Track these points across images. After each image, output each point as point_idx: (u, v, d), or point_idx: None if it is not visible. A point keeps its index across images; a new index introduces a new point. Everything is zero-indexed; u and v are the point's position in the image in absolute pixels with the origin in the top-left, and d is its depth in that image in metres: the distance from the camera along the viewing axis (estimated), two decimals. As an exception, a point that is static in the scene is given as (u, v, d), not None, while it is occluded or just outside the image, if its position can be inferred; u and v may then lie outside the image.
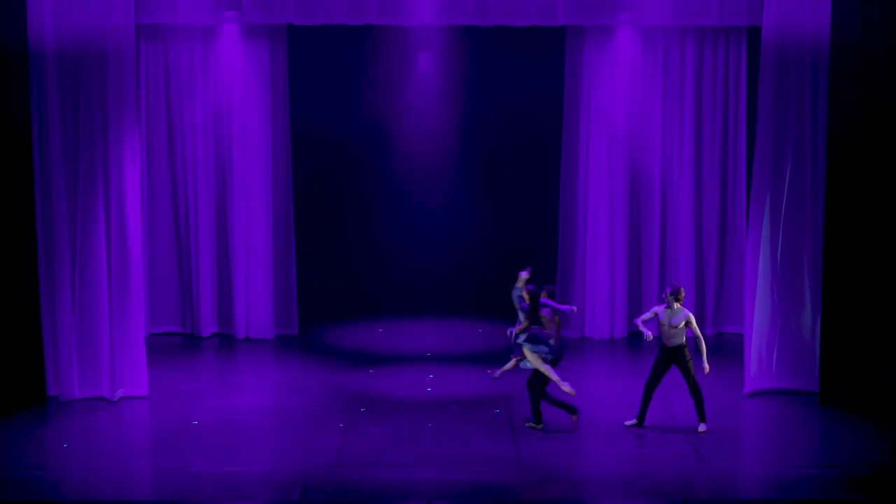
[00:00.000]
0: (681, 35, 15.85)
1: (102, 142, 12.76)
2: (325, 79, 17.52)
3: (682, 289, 11.88)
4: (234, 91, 15.81)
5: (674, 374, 14.47)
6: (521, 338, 11.67)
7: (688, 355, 11.79)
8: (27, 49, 12.56)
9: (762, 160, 12.91)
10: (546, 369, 11.63)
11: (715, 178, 16.17)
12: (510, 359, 11.98)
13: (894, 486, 10.32)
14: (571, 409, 11.90)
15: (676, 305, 11.75)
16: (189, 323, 16.36)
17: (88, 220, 12.77)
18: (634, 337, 16.19)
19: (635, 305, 16.26)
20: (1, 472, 10.65)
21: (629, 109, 15.91)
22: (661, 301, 12.10)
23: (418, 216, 17.88)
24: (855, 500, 10.05)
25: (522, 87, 17.62)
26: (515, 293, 11.73)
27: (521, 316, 11.69)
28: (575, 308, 12.86)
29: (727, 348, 15.65)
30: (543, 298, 12.11)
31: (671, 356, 11.83)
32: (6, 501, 9.96)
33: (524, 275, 11.74)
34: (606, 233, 15.99)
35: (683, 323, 11.72)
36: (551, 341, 11.82)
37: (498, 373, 12.06)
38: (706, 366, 11.78)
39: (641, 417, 12.04)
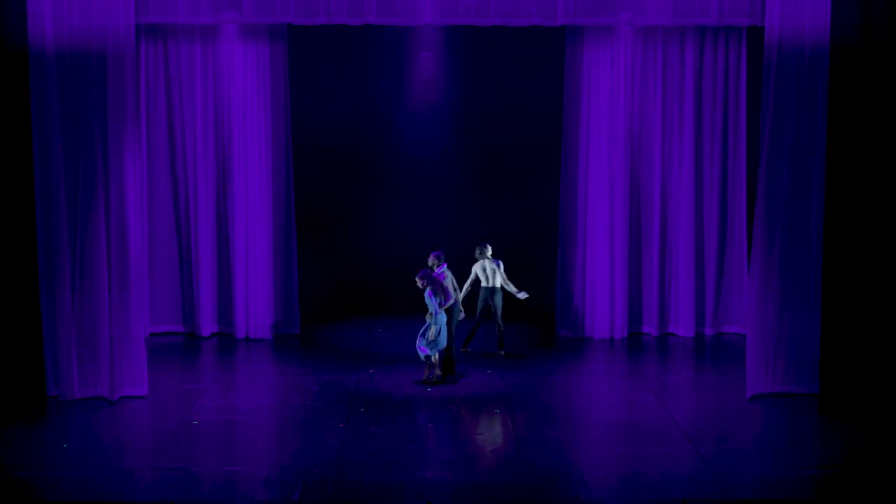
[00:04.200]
0: (681, 35, 15.87)
1: (102, 142, 12.76)
2: (325, 79, 17.53)
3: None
4: (234, 91, 15.82)
5: (671, 374, 14.52)
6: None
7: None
8: (27, 49, 12.56)
9: (765, 161, 12.88)
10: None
11: (715, 178, 16.17)
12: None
13: (893, 487, 10.33)
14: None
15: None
16: (189, 322, 16.37)
17: (88, 220, 12.76)
18: (634, 337, 16.20)
19: (635, 305, 16.28)
20: (1, 472, 10.65)
21: (629, 109, 15.92)
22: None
23: (418, 215, 17.88)
24: (854, 501, 10.05)
25: (522, 87, 17.62)
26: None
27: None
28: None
29: (727, 349, 15.65)
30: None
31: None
32: (6, 501, 9.96)
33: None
34: (606, 233, 15.99)
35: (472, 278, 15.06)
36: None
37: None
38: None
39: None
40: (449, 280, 14.02)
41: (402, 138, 17.93)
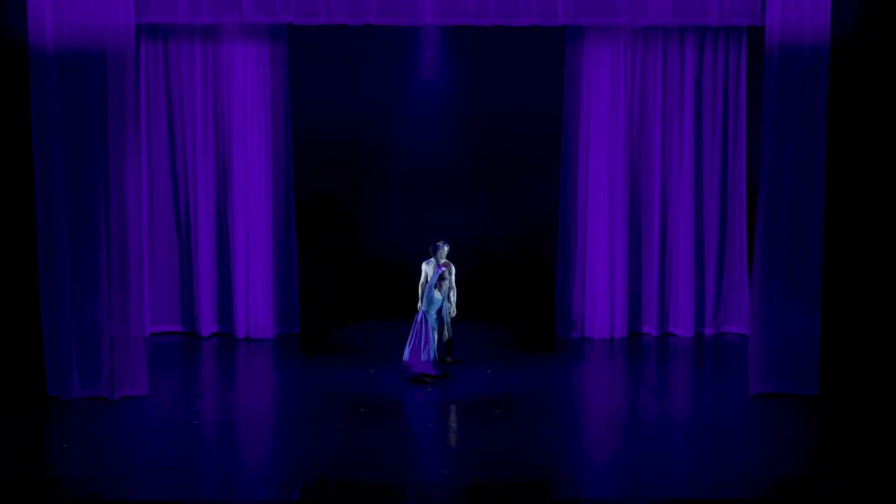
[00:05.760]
0: (681, 35, 15.87)
1: (102, 142, 12.76)
2: (325, 79, 17.53)
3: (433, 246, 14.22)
4: (234, 91, 15.82)
5: (671, 374, 14.52)
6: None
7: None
8: (27, 49, 12.57)
9: (766, 161, 12.88)
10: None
11: (715, 178, 16.16)
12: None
13: (893, 487, 10.33)
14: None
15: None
16: (189, 322, 16.37)
17: (88, 221, 12.76)
18: (634, 337, 16.20)
19: (635, 305, 16.27)
20: (1, 472, 10.65)
21: (629, 109, 15.92)
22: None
23: (418, 215, 17.89)
24: (854, 502, 10.05)
25: (522, 87, 17.63)
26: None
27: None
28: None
29: (727, 349, 15.65)
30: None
31: None
32: (6, 501, 9.96)
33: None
34: (606, 233, 15.98)
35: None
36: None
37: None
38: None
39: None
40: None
41: (401, 138, 17.93)
